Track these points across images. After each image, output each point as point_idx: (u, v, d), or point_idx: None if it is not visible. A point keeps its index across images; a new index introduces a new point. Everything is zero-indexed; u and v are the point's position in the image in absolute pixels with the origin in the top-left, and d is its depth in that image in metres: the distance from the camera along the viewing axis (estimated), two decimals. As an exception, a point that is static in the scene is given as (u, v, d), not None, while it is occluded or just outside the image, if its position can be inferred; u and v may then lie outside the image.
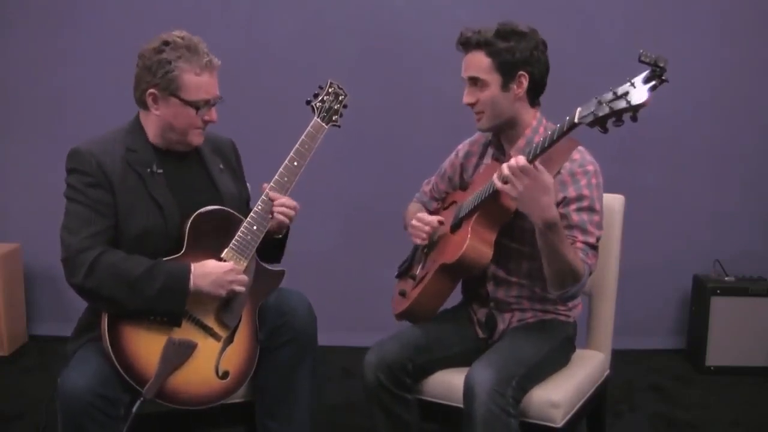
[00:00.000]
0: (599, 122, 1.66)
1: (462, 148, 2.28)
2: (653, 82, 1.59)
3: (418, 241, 2.18)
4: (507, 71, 2.00)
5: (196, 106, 1.91)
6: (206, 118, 1.94)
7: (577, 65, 3.21)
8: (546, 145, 1.81)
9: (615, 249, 2.29)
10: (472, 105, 2.06)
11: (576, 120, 1.71)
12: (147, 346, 1.83)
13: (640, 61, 1.57)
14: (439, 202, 2.34)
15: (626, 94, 1.61)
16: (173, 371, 1.84)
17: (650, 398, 3.12)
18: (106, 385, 1.76)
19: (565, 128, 1.76)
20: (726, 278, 3.38)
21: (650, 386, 3.23)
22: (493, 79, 2.01)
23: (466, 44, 2.03)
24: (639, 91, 1.59)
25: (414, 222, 2.17)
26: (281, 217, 2.00)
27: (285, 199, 2.00)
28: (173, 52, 1.88)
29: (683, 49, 3.39)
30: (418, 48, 3.49)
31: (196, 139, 1.98)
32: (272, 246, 2.10)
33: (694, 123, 3.52)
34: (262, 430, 2.05)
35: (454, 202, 2.22)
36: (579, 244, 1.95)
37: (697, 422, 2.89)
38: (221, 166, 2.09)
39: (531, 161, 1.82)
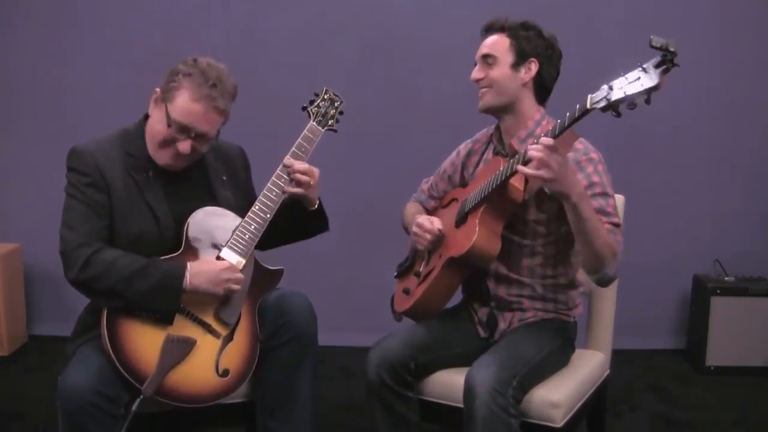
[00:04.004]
0: (612, 107, 1.67)
1: (464, 147, 2.29)
2: (664, 66, 1.61)
3: (421, 248, 2.18)
4: (521, 55, 2.05)
5: (174, 124, 1.86)
6: (179, 146, 1.88)
7: (577, 65, 3.20)
8: (557, 133, 1.80)
9: (615, 249, 2.29)
10: (479, 81, 2.09)
11: (588, 106, 1.71)
12: (146, 344, 1.83)
13: (651, 47, 1.59)
14: (437, 201, 2.34)
15: (638, 79, 1.63)
16: (172, 368, 1.84)
17: (650, 398, 3.12)
18: (107, 384, 1.77)
19: (576, 115, 1.75)
20: (726, 278, 3.38)
21: (650, 386, 3.23)
22: (506, 59, 2.06)
23: (490, 28, 2.11)
24: (651, 75, 1.62)
25: (415, 229, 2.18)
26: (295, 189, 1.99)
27: (299, 165, 2.00)
28: (188, 68, 1.88)
29: (683, 49, 3.36)
30: (418, 48, 3.49)
31: (163, 158, 1.92)
32: (311, 217, 2.10)
33: (695, 123, 3.53)
34: (262, 430, 2.05)
35: (454, 199, 2.22)
36: (606, 225, 1.94)
37: (697, 422, 2.89)
38: (224, 177, 2.09)
39: None
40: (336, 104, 2.11)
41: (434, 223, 2.15)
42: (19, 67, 3.55)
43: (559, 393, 1.97)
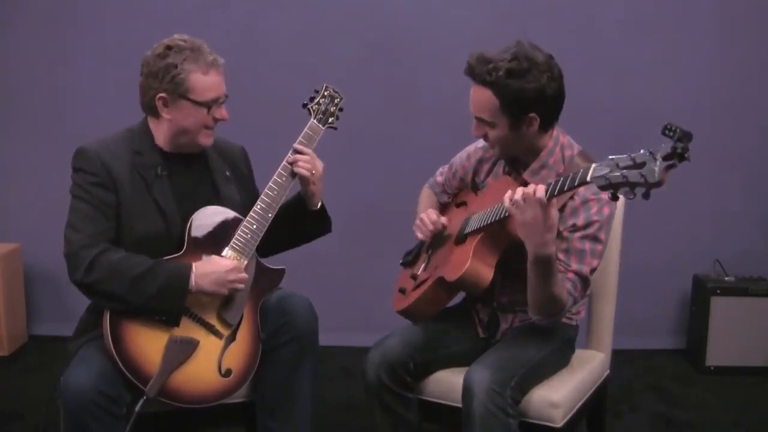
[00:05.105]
0: (612, 188, 1.55)
1: (474, 153, 2.23)
2: (672, 161, 1.46)
3: (420, 236, 2.18)
4: (516, 113, 1.91)
5: (207, 105, 1.92)
6: (217, 116, 1.95)
7: (577, 65, 3.20)
8: (555, 193, 1.73)
9: (615, 249, 2.29)
10: (482, 138, 2.04)
11: (588, 179, 1.62)
12: (149, 344, 1.83)
13: (663, 134, 1.46)
14: (451, 197, 2.34)
15: (643, 165, 1.47)
16: (175, 369, 1.84)
17: (650, 398, 3.12)
18: (109, 384, 1.77)
19: (576, 183, 1.68)
20: (726, 278, 3.38)
21: (650, 386, 3.23)
22: (501, 122, 1.93)
23: (473, 77, 1.94)
24: (657, 167, 1.45)
25: (422, 216, 2.18)
26: (302, 171, 2.00)
27: (304, 156, 2.02)
28: (178, 55, 1.88)
29: (683, 49, 3.39)
30: (418, 48, 3.49)
31: (206, 140, 1.98)
32: (313, 218, 2.12)
33: (694, 123, 3.48)
34: (262, 430, 2.05)
35: (464, 203, 2.22)
36: (570, 275, 1.92)
37: (697, 422, 2.89)
38: (228, 173, 2.09)
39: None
40: (336, 101, 2.11)
41: (441, 219, 2.16)
42: (19, 67, 3.54)
43: (559, 393, 1.97)
